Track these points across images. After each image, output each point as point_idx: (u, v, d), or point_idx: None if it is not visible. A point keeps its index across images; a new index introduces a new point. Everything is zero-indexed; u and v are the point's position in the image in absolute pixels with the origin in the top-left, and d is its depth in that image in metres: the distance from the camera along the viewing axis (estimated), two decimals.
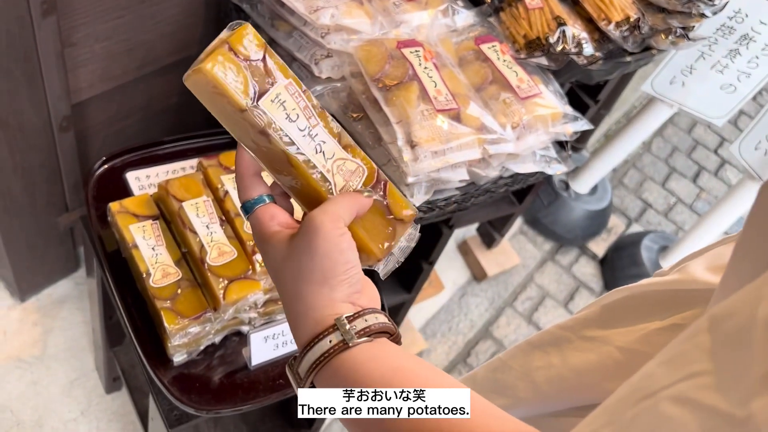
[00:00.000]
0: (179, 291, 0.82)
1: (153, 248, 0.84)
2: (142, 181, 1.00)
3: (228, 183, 0.88)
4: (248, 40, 0.48)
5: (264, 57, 0.49)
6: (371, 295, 0.50)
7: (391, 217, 0.54)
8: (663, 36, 1.18)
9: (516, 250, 2.08)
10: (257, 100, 0.48)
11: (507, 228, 1.90)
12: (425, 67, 0.96)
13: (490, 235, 1.96)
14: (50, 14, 0.97)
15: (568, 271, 2.14)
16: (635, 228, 2.34)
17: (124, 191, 0.98)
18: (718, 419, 0.28)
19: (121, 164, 1.01)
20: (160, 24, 1.19)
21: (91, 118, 1.24)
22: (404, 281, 1.49)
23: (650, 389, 0.32)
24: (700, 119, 1.76)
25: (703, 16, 1.23)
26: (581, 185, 2.12)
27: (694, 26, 1.27)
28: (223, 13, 1.19)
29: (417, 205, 0.91)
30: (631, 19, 1.11)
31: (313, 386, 0.48)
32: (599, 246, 2.21)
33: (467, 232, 2.01)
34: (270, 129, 0.49)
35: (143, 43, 1.19)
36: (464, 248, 1.99)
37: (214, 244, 0.83)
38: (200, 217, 0.85)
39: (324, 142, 0.52)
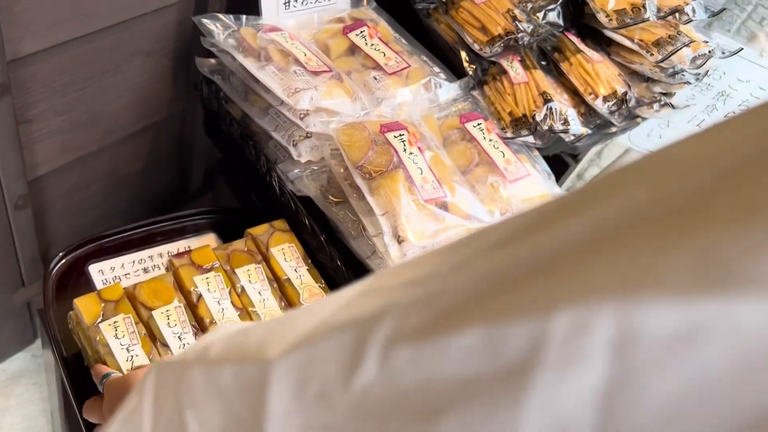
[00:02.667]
0: None
1: (128, 348, 0.77)
2: (106, 274, 0.92)
3: (201, 285, 0.82)
4: None
5: None
6: None
7: None
8: (649, 107, 1.16)
9: None
10: None
11: None
12: (410, 153, 0.91)
13: None
14: (4, 95, 0.89)
15: None
16: None
17: (87, 287, 0.90)
18: None
19: (82, 256, 0.93)
20: (124, 92, 1.12)
21: (50, 192, 1.16)
22: None
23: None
24: None
25: (687, 83, 1.21)
26: None
27: (675, 92, 1.26)
28: (192, 84, 1.13)
29: None
30: (618, 93, 1.08)
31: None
32: None
33: None
34: None
35: (106, 113, 1.12)
36: None
37: None
38: (172, 326, 0.78)
39: None
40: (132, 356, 0.74)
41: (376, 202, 0.87)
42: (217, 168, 1.28)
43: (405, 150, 0.91)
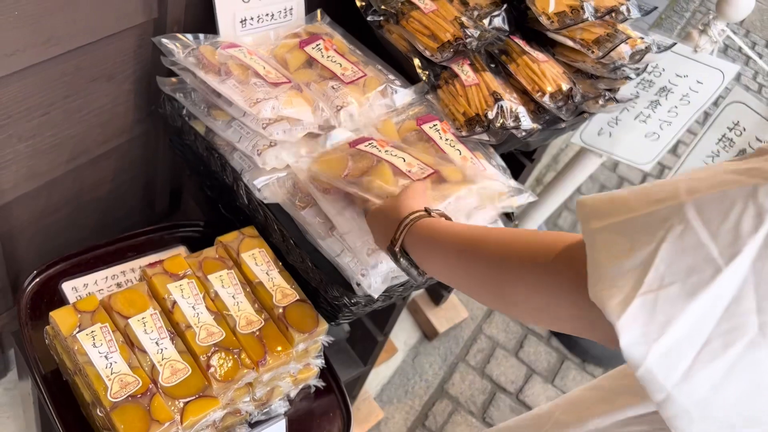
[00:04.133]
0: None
1: (106, 356, 0.78)
2: (80, 291, 0.94)
3: (175, 292, 0.84)
4: None
5: None
6: None
7: None
8: (594, 101, 1.22)
9: (464, 302, 2.09)
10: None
11: None
12: (386, 151, 0.95)
13: (437, 292, 1.95)
14: None
15: (515, 319, 2.16)
16: None
17: (61, 305, 0.91)
18: None
19: (55, 274, 0.94)
20: (88, 116, 1.14)
21: (17, 218, 1.16)
22: (360, 354, 1.46)
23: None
24: (630, 165, 1.83)
25: (628, 78, 1.28)
26: None
27: (619, 87, 1.33)
28: (155, 104, 1.15)
29: (377, 295, 0.89)
30: (564, 90, 1.14)
31: (404, 252, 0.73)
32: None
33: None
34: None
35: (72, 137, 1.14)
36: (413, 307, 1.97)
37: (166, 361, 0.78)
38: (149, 333, 0.80)
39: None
40: (111, 363, 0.76)
41: (372, 196, 0.89)
42: (183, 185, 1.31)
43: (380, 151, 0.95)
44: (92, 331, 0.78)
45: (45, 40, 0.95)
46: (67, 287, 0.94)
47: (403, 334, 1.93)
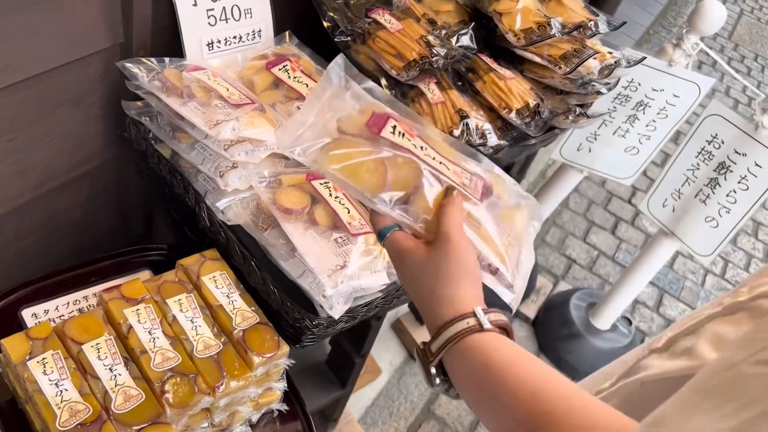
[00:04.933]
0: None
1: (57, 384, 0.77)
2: (40, 317, 0.93)
3: (131, 317, 0.83)
4: None
5: None
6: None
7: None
8: (563, 117, 1.22)
9: None
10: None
11: None
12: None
13: None
14: None
15: None
16: (563, 285, 2.38)
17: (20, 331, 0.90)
18: None
19: (15, 300, 0.93)
20: (55, 141, 1.14)
21: None
22: (338, 375, 1.44)
23: (731, 363, 0.36)
24: (611, 180, 1.83)
25: (599, 93, 1.28)
26: None
27: (591, 102, 1.33)
28: (116, 127, 1.15)
29: (337, 317, 0.88)
30: (531, 106, 1.14)
31: (441, 365, 0.58)
32: (530, 308, 2.23)
33: (400, 309, 1.99)
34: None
35: (38, 162, 1.14)
36: (398, 327, 1.96)
37: (119, 388, 0.77)
38: (102, 359, 0.79)
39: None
40: (61, 391, 0.75)
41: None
42: (154, 209, 1.30)
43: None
44: (43, 359, 0.76)
45: (4, 66, 0.95)
46: (27, 314, 0.93)
47: (387, 354, 1.91)
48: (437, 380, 0.58)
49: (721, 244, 1.67)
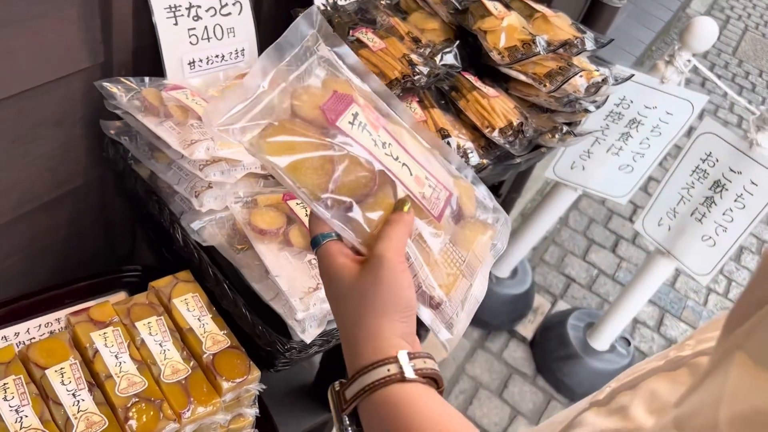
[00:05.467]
0: None
1: (17, 410, 0.76)
2: (10, 340, 0.91)
3: (98, 340, 0.81)
4: None
5: None
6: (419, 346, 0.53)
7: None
8: (550, 135, 1.20)
9: (444, 342, 2.04)
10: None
11: None
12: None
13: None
14: None
15: (499, 357, 2.11)
16: (561, 305, 2.35)
17: None
18: None
19: None
20: (35, 161, 1.13)
21: None
22: (324, 400, 1.41)
23: None
24: (606, 198, 1.81)
25: (587, 111, 1.26)
26: (500, 269, 2.12)
27: (580, 120, 1.31)
28: (99, 147, 1.15)
29: (309, 341, 0.86)
30: (515, 124, 1.12)
31: (354, 412, 0.50)
32: (527, 328, 2.20)
33: None
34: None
35: (18, 182, 1.13)
36: None
37: (82, 414, 0.75)
38: (66, 384, 0.77)
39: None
40: (21, 417, 0.73)
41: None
42: (137, 229, 1.29)
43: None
44: (4, 384, 0.75)
45: None
46: None
47: None
48: (349, 430, 0.51)
49: (719, 263, 1.64)
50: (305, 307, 0.85)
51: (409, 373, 0.48)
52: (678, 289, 2.61)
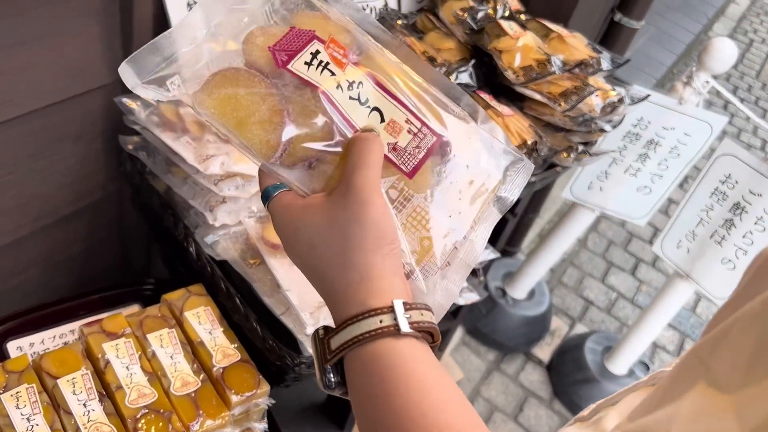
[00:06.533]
0: None
1: (28, 419, 0.76)
2: (26, 350, 0.92)
3: (110, 351, 0.82)
4: None
5: None
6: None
7: None
8: (565, 154, 1.20)
9: (460, 362, 2.02)
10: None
11: (446, 343, 1.84)
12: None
13: None
14: None
15: (515, 380, 2.08)
16: (579, 328, 2.32)
17: None
18: None
19: (2, 332, 0.93)
20: (54, 176, 1.15)
21: None
22: (336, 417, 1.41)
23: None
24: (624, 219, 1.79)
25: (602, 131, 1.26)
26: (517, 290, 2.10)
27: (596, 140, 1.31)
28: (117, 161, 1.16)
29: None
30: (529, 143, 1.12)
31: (339, 365, 0.45)
32: (544, 351, 2.17)
33: None
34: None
35: (37, 196, 1.15)
36: None
37: (92, 424, 0.75)
38: (77, 394, 0.77)
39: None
40: (32, 425, 0.74)
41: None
42: (152, 243, 1.30)
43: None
44: (17, 392, 0.75)
45: (3, 101, 0.97)
46: (12, 346, 0.92)
47: None
48: (333, 383, 0.45)
49: None
50: (315, 322, 0.85)
51: (404, 327, 0.43)
52: (699, 314, 2.56)
